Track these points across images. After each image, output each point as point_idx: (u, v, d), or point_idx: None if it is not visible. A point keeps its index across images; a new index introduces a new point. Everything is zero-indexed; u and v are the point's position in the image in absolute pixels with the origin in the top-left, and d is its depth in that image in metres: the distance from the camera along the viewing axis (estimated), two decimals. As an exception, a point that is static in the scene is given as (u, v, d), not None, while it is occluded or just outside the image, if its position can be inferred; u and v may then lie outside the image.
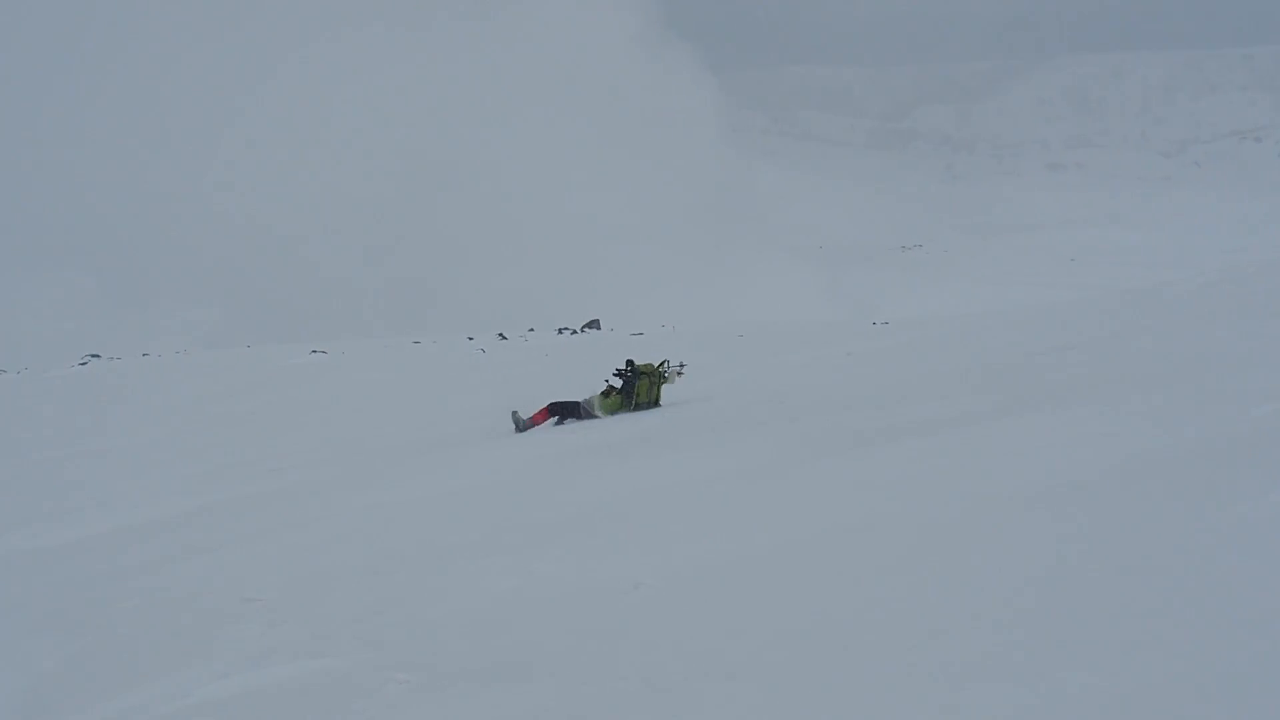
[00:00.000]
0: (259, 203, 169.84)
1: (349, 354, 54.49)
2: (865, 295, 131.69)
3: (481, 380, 40.48)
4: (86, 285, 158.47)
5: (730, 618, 8.46)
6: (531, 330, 64.86)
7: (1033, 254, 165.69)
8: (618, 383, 24.80)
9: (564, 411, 24.26)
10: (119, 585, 14.48)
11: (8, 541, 20.52)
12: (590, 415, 23.99)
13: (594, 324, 65.19)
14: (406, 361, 49.90)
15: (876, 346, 35.30)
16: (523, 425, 24.12)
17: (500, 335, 60.87)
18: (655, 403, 23.71)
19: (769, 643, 7.75)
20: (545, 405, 24.55)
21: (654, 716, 6.82)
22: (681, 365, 24.81)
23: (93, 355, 71.28)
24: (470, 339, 59.80)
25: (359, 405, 36.83)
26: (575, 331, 62.24)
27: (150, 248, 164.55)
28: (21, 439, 38.35)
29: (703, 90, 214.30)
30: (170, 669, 10.10)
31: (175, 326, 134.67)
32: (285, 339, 76.29)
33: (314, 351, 56.32)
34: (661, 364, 23.92)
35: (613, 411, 23.77)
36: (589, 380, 33.37)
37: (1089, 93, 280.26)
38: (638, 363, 23.78)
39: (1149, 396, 14.29)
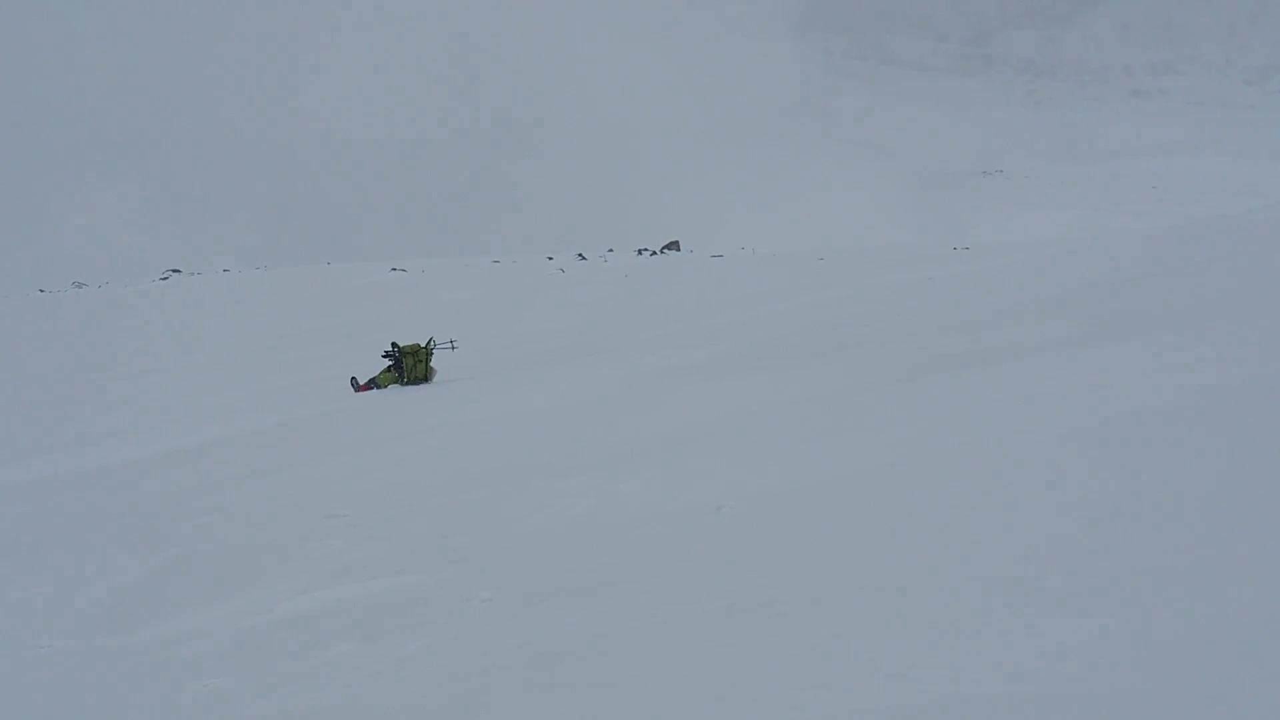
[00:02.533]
0: (330, 119, 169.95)
1: (429, 272, 54.56)
2: (946, 220, 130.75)
3: (561, 300, 40.49)
4: (140, 200, 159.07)
5: (813, 541, 8.40)
6: (611, 250, 64.72)
7: (1115, 181, 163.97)
8: (388, 362, 25.94)
9: (366, 386, 25.39)
10: (202, 499, 14.58)
11: (93, 455, 20.71)
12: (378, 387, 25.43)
13: (674, 245, 64.90)
14: (486, 280, 49.93)
15: (957, 272, 35.06)
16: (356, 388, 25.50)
17: (579, 255, 60.78)
18: (425, 378, 24.86)
19: (850, 566, 7.70)
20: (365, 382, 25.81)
21: (737, 638, 6.78)
22: (452, 342, 26.48)
23: (173, 270, 71.66)
24: (550, 259, 59.77)
25: (439, 323, 36.89)
26: (654, 253, 62.05)
27: (210, 163, 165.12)
28: (106, 354, 38.66)
29: (785, 11, 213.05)
30: (252, 583, 10.16)
31: (240, 243, 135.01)
32: (361, 256, 76.46)
33: (393, 269, 56.42)
34: (428, 342, 25.00)
35: (388, 383, 25.04)
36: (664, 301, 33.35)
37: (1174, 18, 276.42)
38: (403, 344, 25.17)
39: (1231, 328, 14.08)
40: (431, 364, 25.04)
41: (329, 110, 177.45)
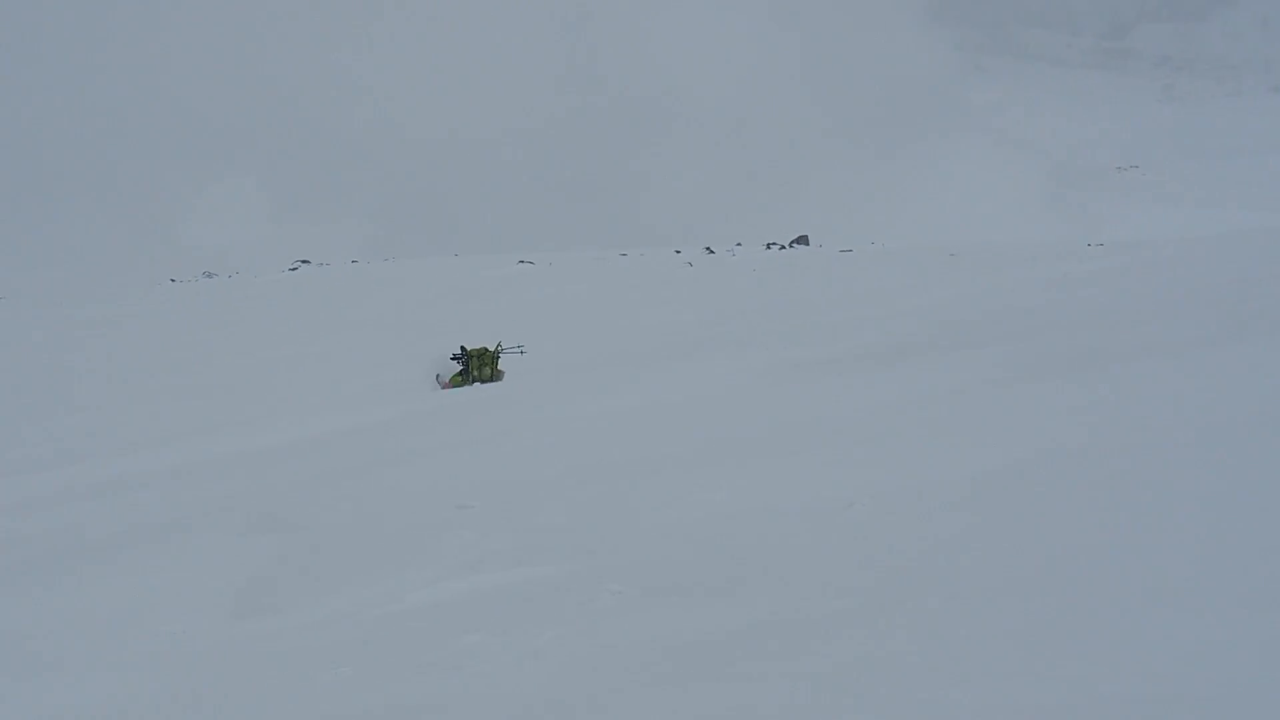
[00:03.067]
0: (447, 114, 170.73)
1: (556, 265, 54.70)
2: (1080, 216, 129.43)
3: (689, 294, 40.47)
4: (265, 192, 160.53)
5: (945, 538, 8.34)
6: (739, 245, 64.59)
7: (1254, 178, 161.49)
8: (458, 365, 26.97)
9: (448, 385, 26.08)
10: (332, 488, 14.70)
11: (226, 442, 20.93)
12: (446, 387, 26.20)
13: (802, 240, 64.63)
14: (613, 273, 50.00)
15: (1091, 268, 34.68)
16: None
17: (707, 249, 60.64)
18: (493, 378, 25.62)
19: (983, 564, 7.64)
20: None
21: (872, 635, 6.75)
22: (520, 347, 26.94)
23: (302, 261, 72.33)
24: (677, 252, 59.70)
25: (567, 316, 36.98)
26: (783, 247, 61.85)
27: (334, 155, 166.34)
28: (237, 343, 39.08)
29: (913, 2, 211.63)
30: (383, 573, 10.21)
31: (364, 234, 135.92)
32: (488, 249, 76.74)
33: (521, 262, 56.61)
34: (497, 346, 25.95)
35: (458, 384, 25.74)
36: (793, 296, 33.27)
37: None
38: (470, 347, 25.87)
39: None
40: (500, 366, 25.80)
41: (451, 101, 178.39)
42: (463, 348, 25.95)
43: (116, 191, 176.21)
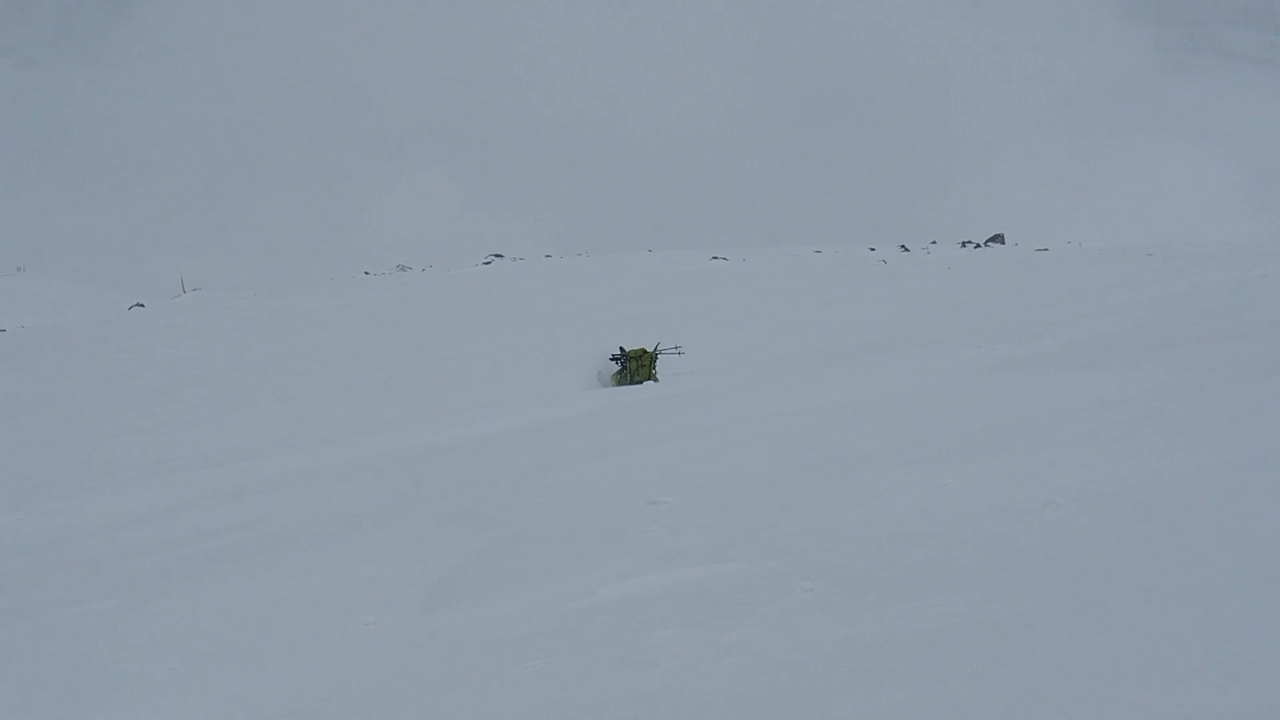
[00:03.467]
0: (641, 108, 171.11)
1: (750, 261, 54.61)
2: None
3: (883, 292, 40.21)
4: (457, 186, 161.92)
5: (1144, 540, 8.27)
6: (934, 243, 64.14)
7: None
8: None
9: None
10: (524, 483, 14.80)
11: (418, 435, 21.14)
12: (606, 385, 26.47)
13: (998, 238, 64.04)
14: (807, 270, 49.81)
15: (1296, 269, 33.99)
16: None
17: (902, 247, 60.28)
18: (649, 378, 25.58)
19: (1183, 566, 7.56)
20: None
21: (1068, 636, 6.71)
22: (678, 348, 26.72)
23: (495, 255, 72.92)
24: (872, 249, 59.39)
25: (760, 312, 36.92)
26: (978, 245, 61.34)
27: (525, 150, 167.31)
28: (430, 336, 39.47)
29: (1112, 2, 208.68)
30: (577, 566, 10.28)
31: (555, 228, 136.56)
32: (680, 244, 76.80)
33: (714, 258, 56.58)
34: (656, 347, 25.88)
35: (618, 384, 25.94)
36: (988, 295, 32.97)
37: None
38: (628, 348, 26.03)
39: None
40: (655, 368, 25.82)
41: (642, 95, 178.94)
42: (621, 348, 26.19)
43: (307, 185, 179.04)
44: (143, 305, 69.13)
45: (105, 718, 8.21)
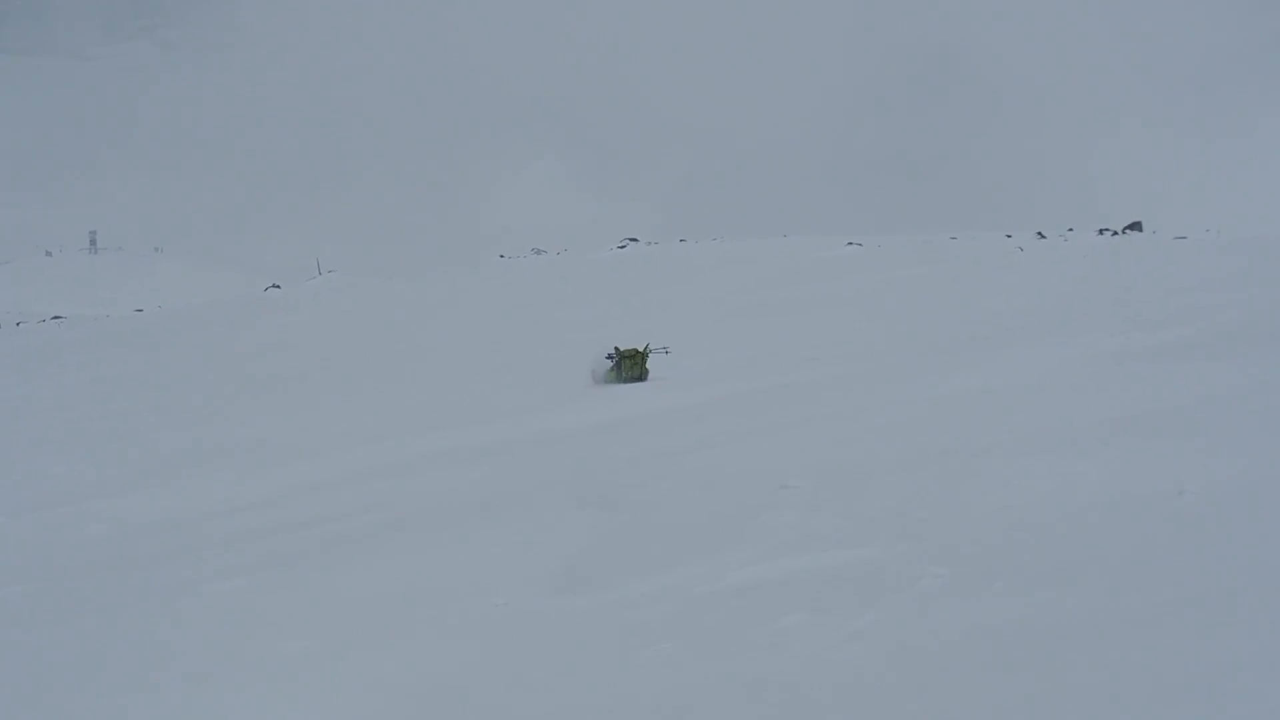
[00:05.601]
0: (769, 90, 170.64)
1: (885, 247, 54.36)
2: None
3: (1018, 278, 39.88)
4: (582, 173, 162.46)
5: (1277, 531, 8.19)
6: (1070, 230, 63.49)
7: None
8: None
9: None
10: (656, 466, 14.83)
11: (549, 420, 21.25)
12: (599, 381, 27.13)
13: (1136, 226, 63.26)
14: (943, 257, 49.46)
15: None
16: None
17: (1039, 234, 59.72)
18: (641, 377, 26.30)
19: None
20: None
21: (1198, 628, 6.66)
22: (665, 349, 27.18)
23: (630, 239, 73.02)
24: (1008, 236, 58.90)
25: (894, 298, 36.74)
26: (1115, 233, 60.63)
27: (642, 135, 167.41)
28: (564, 320, 39.62)
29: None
30: (705, 551, 10.29)
31: (675, 212, 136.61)
32: (815, 229, 76.51)
33: (849, 244, 56.38)
34: (645, 348, 26.60)
35: (611, 381, 26.58)
36: (1123, 283, 32.60)
37: None
38: (622, 348, 26.70)
39: None
40: (648, 365, 26.49)
41: (765, 78, 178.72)
42: (616, 348, 26.76)
43: (432, 171, 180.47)
44: (279, 287, 69.93)
45: (238, 698, 8.32)
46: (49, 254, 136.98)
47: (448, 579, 10.76)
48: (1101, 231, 60.99)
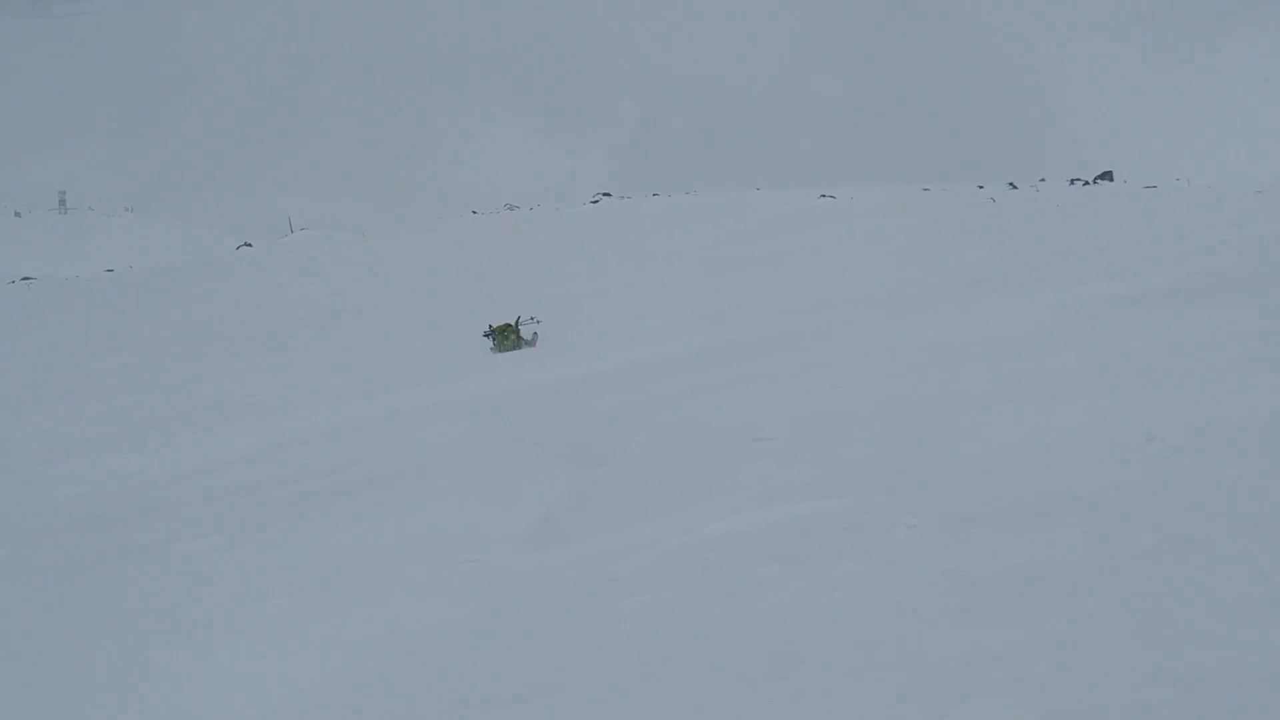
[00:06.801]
0: (744, 41, 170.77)
1: (857, 199, 54.40)
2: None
3: (991, 230, 39.97)
4: (555, 130, 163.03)
5: (1249, 476, 8.20)
6: (1043, 180, 63.70)
7: None
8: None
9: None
10: (630, 420, 14.84)
11: (525, 374, 21.28)
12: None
13: (1107, 175, 63.50)
14: (914, 208, 49.53)
15: None
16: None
17: (1011, 185, 59.91)
18: (516, 346, 26.89)
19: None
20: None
21: (1171, 572, 6.68)
22: (534, 319, 28.40)
23: (604, 194, 73.06)
24: (980, 187, 59.05)
25: (868, 250, 36.78)
26: (1086, 183, 60.78)
27: (619, 90, 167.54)
28: (539, 275, 39.61)
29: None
30: (680, 503, 10.30)
31: (649, 167, 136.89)
32: (789, 183, 76.57)
33: (822, 196, 56.43)
34: (515, 320, 27.33)
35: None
36: (1094, 232, 32.66)
37: None
38: (494, 324, 27.49)
39: None
40: (523, 335, 27.34)
41: (746, 26, 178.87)
42: (490, 325, 27.36)
43: (394, 124, 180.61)
44: (250, 245, 69.84)
45: (210, 655, 8.30)
46: (18, 214, 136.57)
47: (421, 535, 10.76)
48: (1073, 182, 61.28)
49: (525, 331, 27.73)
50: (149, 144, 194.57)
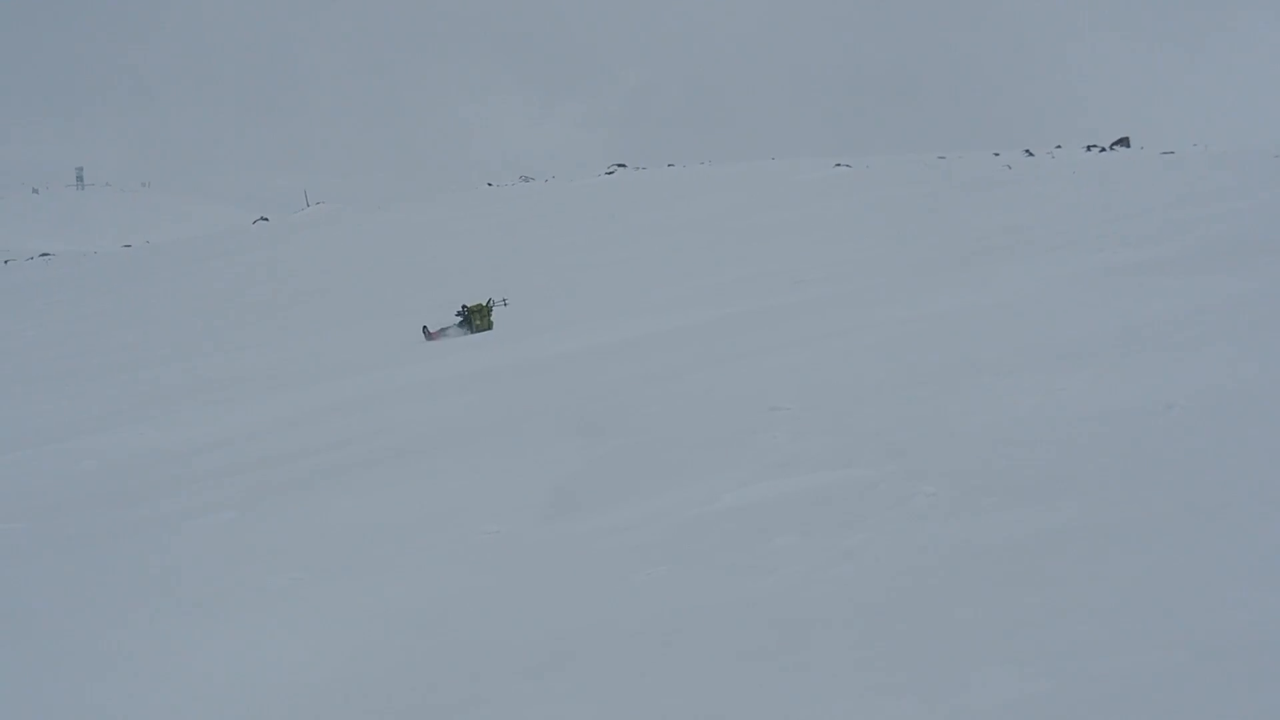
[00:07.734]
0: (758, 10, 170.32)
1: (873, 168, 54.30)
2: None
3: (1006, 197, 39.85)
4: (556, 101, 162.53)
5: (1267, 442, 8.19)
6: (1059, 147, 63.48)
7: None
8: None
9: (437, 334, 27.20)
10: (645, 390, 14.83)
11: (537, 345, 21.28)
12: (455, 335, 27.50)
13: (1123, 141, 63.27)
14: (931, 177, 49.43)
15: None
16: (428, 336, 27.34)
17: (1027, 152, 59.74)
18: (488, 327, 27.27)
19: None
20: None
21: (1191, 537, 6.66)
22: (504, 300, 28.18)
23: (618, 165, 73.00)
24: (996, 155, 58.88)
25: (882, 219, 36.72)
26: (1103, 149, 60.57)
27: (631, 64, 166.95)
28: (553, 247, 39.61)
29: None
30: (696, 474, 10.29)
31: (663, 138, 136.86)
32: (807, 152, 76.39)
33: (838, 165, 56.35)
34: (488, 302, 27.60)
35: (460, 335, 27.35)
36: (1113, 198, 32.55)
37: None
38: (469, 305, 27.61)
39: None
40: (492, 317, 27.50)
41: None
42: (464, 305, 27.56)
43: (418, 100, 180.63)
44: (267, 219, 69.92)
45: (226, 628, 8.32)
46: (36, 191, 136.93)
47: (437, 507, 10.76)
48: (1089, 148, 61.06)
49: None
50: (166, 118, 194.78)
